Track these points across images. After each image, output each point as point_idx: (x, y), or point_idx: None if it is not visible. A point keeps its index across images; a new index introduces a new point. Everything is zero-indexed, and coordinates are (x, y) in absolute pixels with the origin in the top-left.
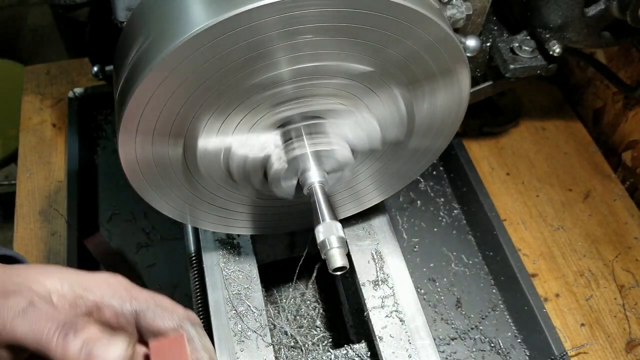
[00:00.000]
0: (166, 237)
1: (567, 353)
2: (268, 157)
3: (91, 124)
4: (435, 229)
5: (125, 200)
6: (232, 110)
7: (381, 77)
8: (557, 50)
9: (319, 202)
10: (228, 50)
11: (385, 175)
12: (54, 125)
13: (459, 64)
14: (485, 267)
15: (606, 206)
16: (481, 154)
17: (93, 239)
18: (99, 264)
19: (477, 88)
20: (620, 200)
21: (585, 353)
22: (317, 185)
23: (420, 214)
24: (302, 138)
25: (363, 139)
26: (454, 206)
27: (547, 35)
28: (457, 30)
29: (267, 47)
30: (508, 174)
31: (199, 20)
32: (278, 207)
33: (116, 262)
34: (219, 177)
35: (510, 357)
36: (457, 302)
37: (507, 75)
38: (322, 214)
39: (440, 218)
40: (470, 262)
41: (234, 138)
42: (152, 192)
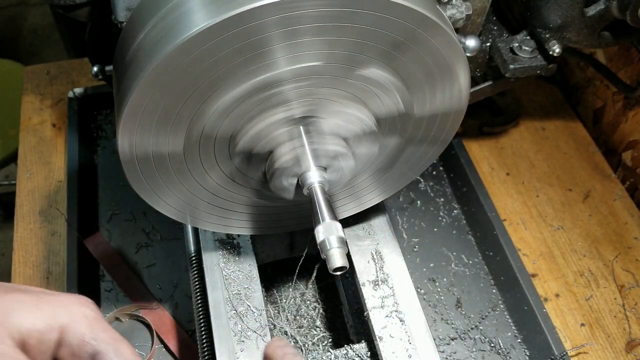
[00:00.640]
0: (166, 237)
1: (567, 353)
2: (268, 157)
3: (91, 124)
4: (435, 229)
5: (125, 200)
6: (232, 110)
7: (381, 77)
8: (557, 50)
9: (318, 202)
10: (227, 51)
11: (385, 175)
12: (54, 125)
13: (459, 64)
14: (485, 267)
15: (606, 206)
16: (481, 154)
17: (93, 239)
18: (99, 264)
19: (477, 88)
20: (620, 200)
21: (585, 353)
22: (317, 185)
23: (420, 214)
24: (302, 138)
25: (363, 140)
26: (454, 206)
27: (547, 35)
28: (457, 30)
29: (266, 47)
30: (508, 174)
31: (198, 20)
32: (278, 207)
33: (116, 262)
34: (218, 177)
35: (510, 357)
36: (457, 302)
37: (507, 75)
38: (322, 214)
39: (440, 218)
40: (470, 262)
41: (233, 137)
42: (151, 192)
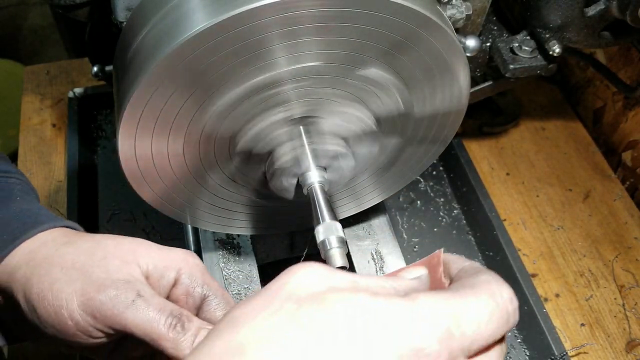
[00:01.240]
0: (166, 237)
1: (567, 353)
2: (268, 157)
3: (91, 124)
4: (435, 229)
5: (125, 200)
6: (232, 110)
7: (381, 77)
8: (557, 50)
9: (318, 202)
10: (227, 51)
11: (385, 175)
12: (54, 125)
13: (459, 64)
14: (485, 267)
15: (606, 206)
16: (481, 154)
17: None
18: None
19: (477, 88)
20: (620, 200)
21: (585, 353)
22: (317, 185)
23: (420, 214)
24: (301, 138)
25: (363, 140)
26: (454, 206)
27: (547, 35)
28: (457, 30)
29: (266, 47)
30: (508, 174)
31: (198, 20)
32: (278, 207)
33: None
34: (218, 177)
35: (510, 357)
36: None
37: (507, 75)
38: (322, 214)
39: (440, 218)
40: None
41: (233, 137)
42: (151, 192)
